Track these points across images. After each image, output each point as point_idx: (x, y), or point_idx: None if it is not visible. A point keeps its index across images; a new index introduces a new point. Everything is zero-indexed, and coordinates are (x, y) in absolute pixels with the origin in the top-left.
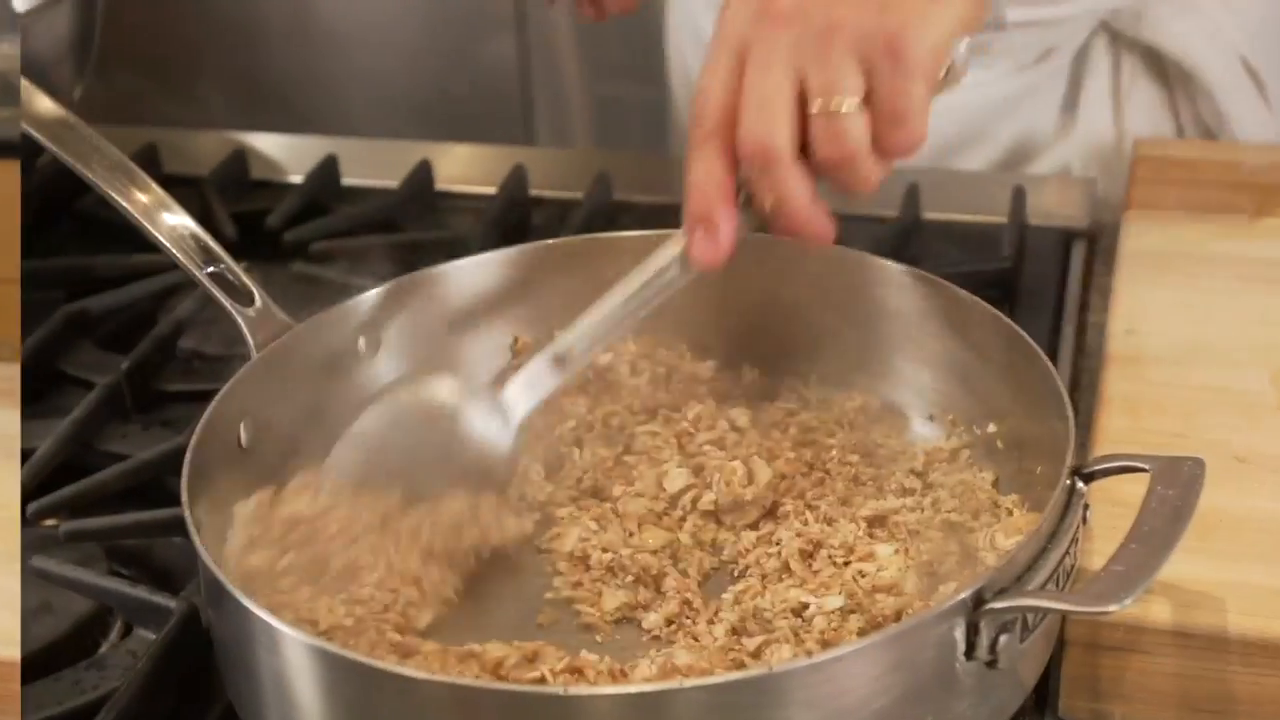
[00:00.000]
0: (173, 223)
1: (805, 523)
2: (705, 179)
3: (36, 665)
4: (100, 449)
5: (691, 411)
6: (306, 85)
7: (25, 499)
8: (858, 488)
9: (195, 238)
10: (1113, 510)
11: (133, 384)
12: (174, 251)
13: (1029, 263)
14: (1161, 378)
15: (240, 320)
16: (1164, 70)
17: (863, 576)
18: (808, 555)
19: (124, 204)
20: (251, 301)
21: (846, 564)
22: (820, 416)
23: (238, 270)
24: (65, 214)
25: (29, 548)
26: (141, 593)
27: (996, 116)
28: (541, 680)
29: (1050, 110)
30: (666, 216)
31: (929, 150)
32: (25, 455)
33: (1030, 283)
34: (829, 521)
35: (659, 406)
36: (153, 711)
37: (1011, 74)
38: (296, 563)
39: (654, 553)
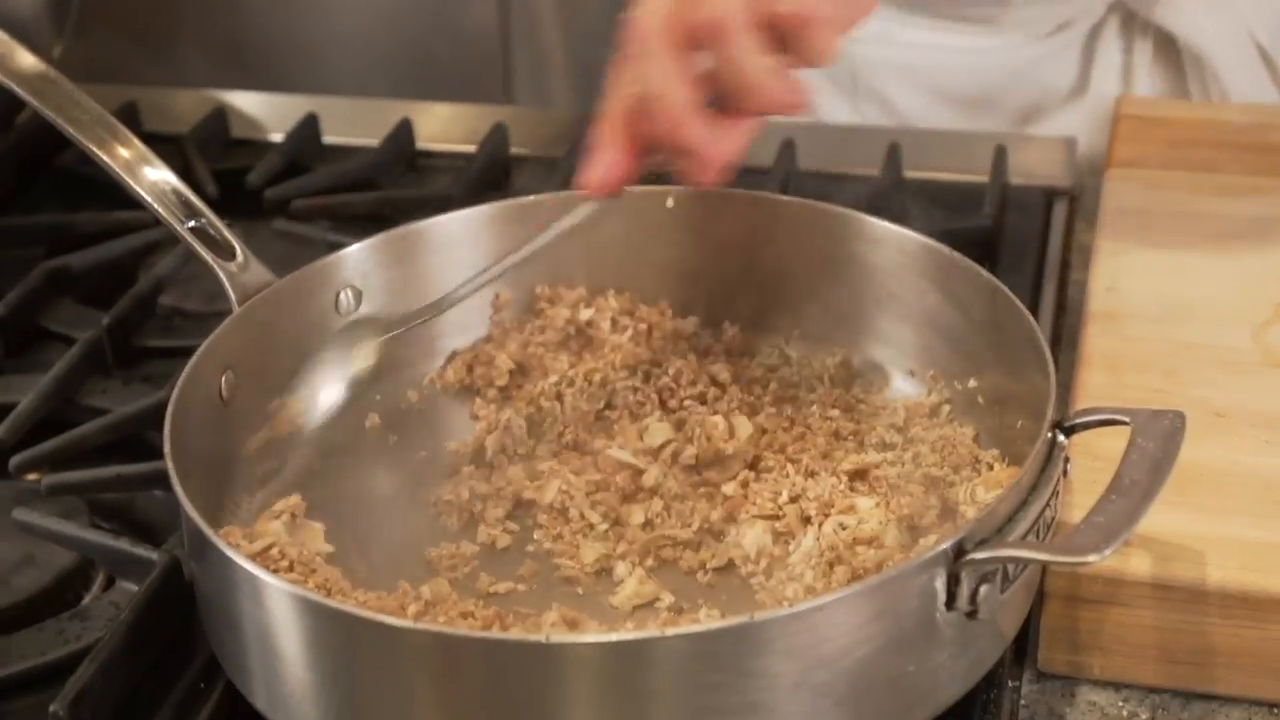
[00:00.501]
0: (154, 177)
1: (786, 476)
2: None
3: (19, 616)
4: (81, 404)
5: (673, 367)
6: (286, 46)
7: (7, 453)
8: (838, 442)
9: (177, 192)
10: (1093, 465)
11: (113, 340)
12: (155, 206)
13: (1010, 221)
14: (1142, 334)
15: (222, 274)
16: (1176, 54)
17: (843, 529)
18: (790, 503)
19: (105, 159)
20: (233, 256)
21: (827, 516)
22: (801, 373)
23: (219, 225)
24: (45, 171)
25: (11, 501)
26: (124, 545)
27: (1005, 86)
28: None
29: (1060, 87)
30: (649, 175)
31: (935, 113)
32: (6, 410)
33: (1011, 241)
34: (810, 475)
35: (640, 363)
36: (136, 661)
37: (1023, 44)
38: None
39: None
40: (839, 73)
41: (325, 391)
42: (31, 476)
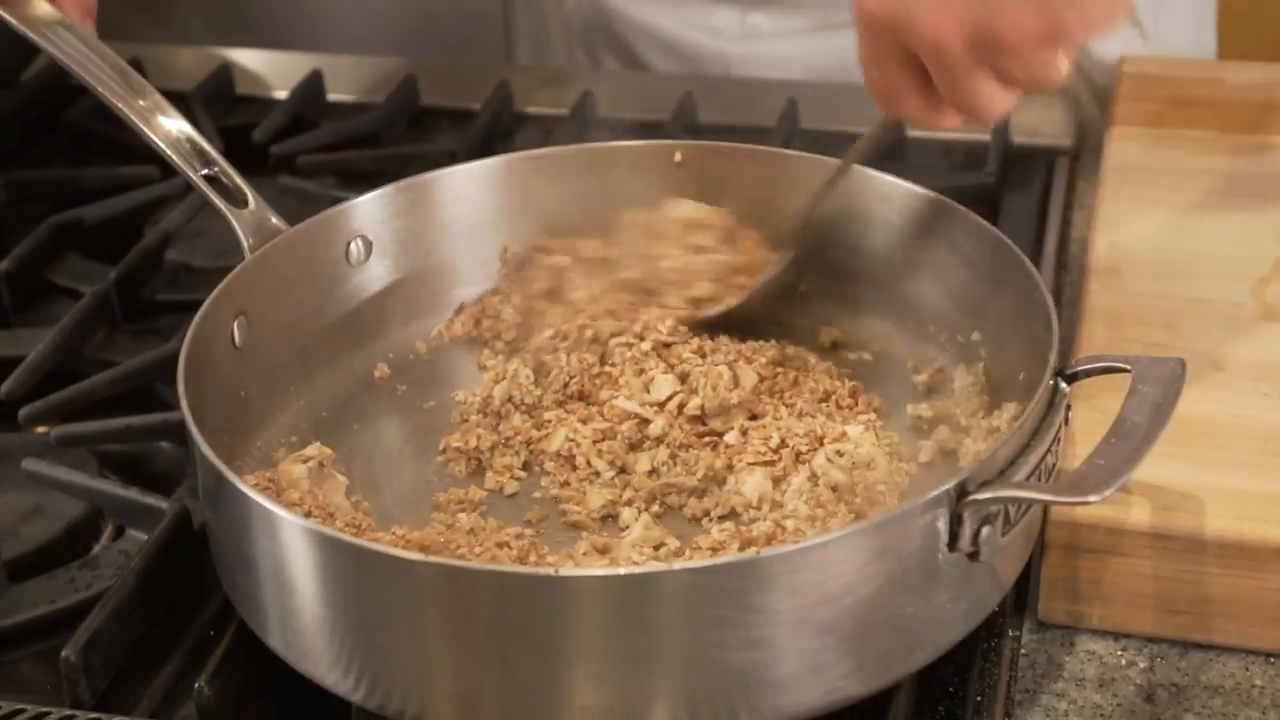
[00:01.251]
0: (168, 126)
1: (779, 419)
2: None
3: (30, 565)
4: (89, 357)
5: (666, 324)
6: (288, 5)
7: (16, 405)
8: (840, 384)
9: (190, 141)
10: (1094, 417)
11: (121, 293)
12: (170, 154)
13: (1012, 179)
14: (1143, 289)
15: (234, 221)
16: None
17: (839, 455)
18: (781, 446)
19: (120, 107)
20: (246, 204)
21: (819, 447)
22: (802, 326)
23: (232, 173)
24: (52, 126)
25: (20, 452)
26: (133, 494)
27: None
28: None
29: None
30: (651, 133)
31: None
32: (14, 363)
33: (1013, 199)
34: (802, 416)
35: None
36: (146, 608)
37: None
38: None
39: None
40: (717, 71)
41: (335, 340)
42: (41, 428)
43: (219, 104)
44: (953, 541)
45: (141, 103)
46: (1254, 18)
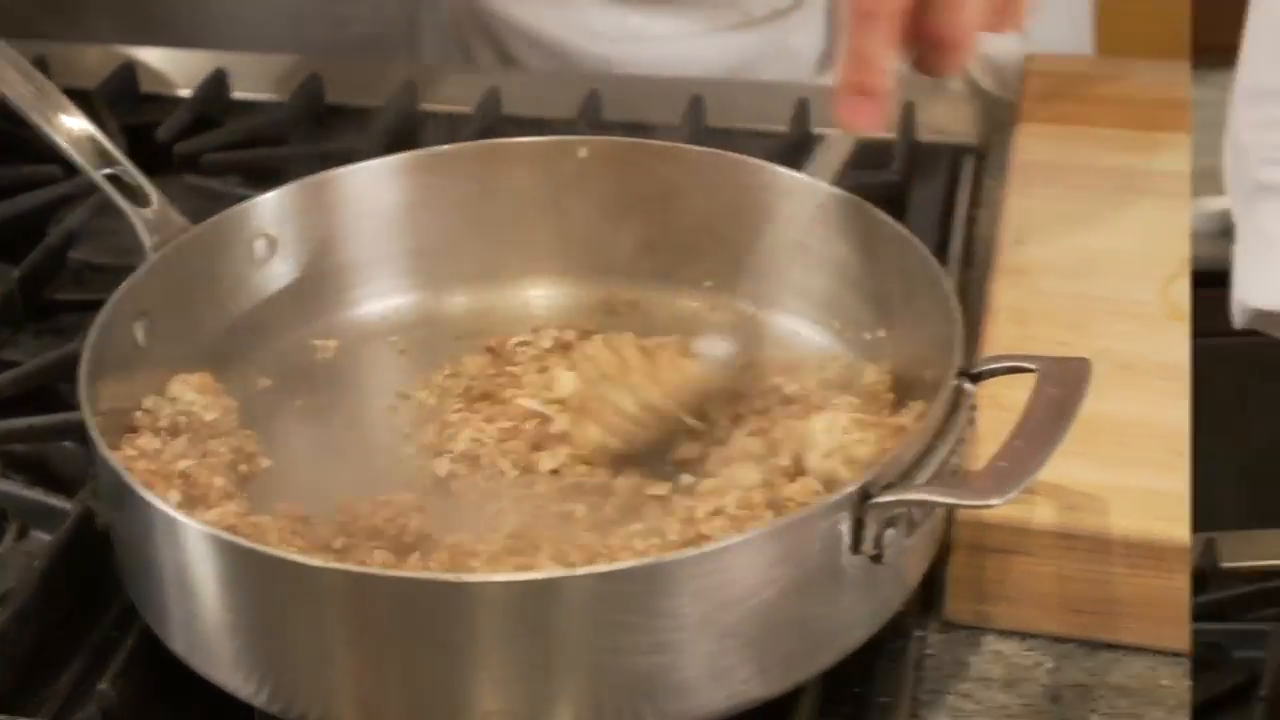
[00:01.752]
0: (69, 124)
1: None
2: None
3: None
4: None
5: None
6: (197, 5)
7: None
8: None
9: (92, 139)
10: (999, 415)
11: (24, 293)
12: (71, 152)
13: (918, 177)
14: (1049, 287)
15: (137, 221)
16: None
17: None
18: None
19: (20, 104)
20: (148, 203)
21: None
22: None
23: (134, 171)
24: None
25: None
26: (37, 495)
27: (755, 63)
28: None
29: (810, 56)
30: (557, 131)
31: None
32: None
33: (919, 196)
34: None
35: None
36: (49, 610)
37: (770, 20)
38: None
39: None
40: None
41: (239, 339)
42: None
43: (123, 102)
44: (856, 544)
45: (42, 100)
46: (1129, 15)
